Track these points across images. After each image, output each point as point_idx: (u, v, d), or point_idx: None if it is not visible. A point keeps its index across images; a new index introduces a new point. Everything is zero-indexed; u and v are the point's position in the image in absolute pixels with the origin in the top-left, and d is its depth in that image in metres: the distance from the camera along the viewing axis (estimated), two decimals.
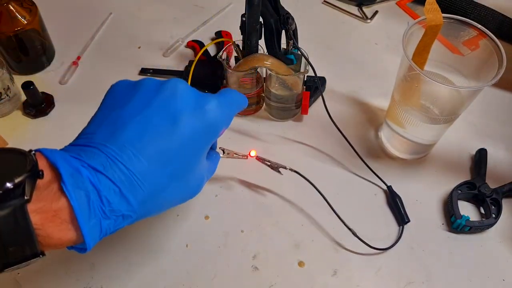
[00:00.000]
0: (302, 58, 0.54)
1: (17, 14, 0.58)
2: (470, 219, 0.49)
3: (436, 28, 0.46)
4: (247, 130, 0.58)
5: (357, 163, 0.54)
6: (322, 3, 0.76)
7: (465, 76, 0.50)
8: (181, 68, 0.65)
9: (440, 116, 0.50)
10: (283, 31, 0.52)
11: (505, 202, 0.51)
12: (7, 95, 0.57)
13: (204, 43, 0.68)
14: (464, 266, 0.48)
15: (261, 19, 0.51)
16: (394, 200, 0.51)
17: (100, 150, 0.31)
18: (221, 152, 0.49)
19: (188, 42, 0.69)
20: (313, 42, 0.69)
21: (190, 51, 0.68)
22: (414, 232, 0.50)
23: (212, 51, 0.68)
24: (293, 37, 0.53)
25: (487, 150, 0.55)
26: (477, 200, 0.52)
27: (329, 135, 0.56)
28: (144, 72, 0.64)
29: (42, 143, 0.56)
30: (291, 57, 0.55)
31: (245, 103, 0.41)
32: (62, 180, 0.29)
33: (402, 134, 0.53)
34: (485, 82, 0.45)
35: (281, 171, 0.50)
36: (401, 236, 0.49)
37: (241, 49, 0.54)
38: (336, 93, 0.63)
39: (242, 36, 0.53)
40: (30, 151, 0.30)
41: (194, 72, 0.57)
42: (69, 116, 0.59)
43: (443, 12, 0.46)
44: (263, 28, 0.52)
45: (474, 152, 0.56)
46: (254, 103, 0.59)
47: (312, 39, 0.70)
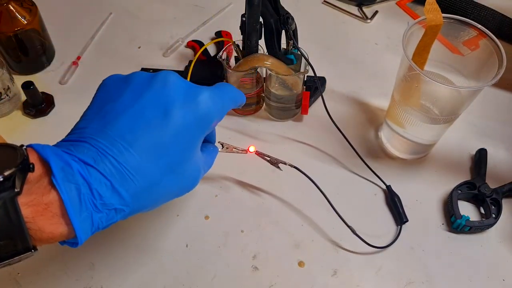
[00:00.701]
0: (302, 58, 0.54)
1: (17, 14, 0.58)
2: (470, 219, 0.49)
3: (436, 28, 0.46)
4: (247, 130, 0.58)
5: (356, 163, 0.54)
6: (322, 3, 0.76)
7: (465, 76, 0.50)
8: (181, 68, 0.65)
9: (440, 116, 0.50)
10: (283, 31, 0.52)
11: (505, 202, 0.51)
12: (7, 95, 0.57)
13: (204, 43, 0.68)
14: (464, 266, 0.48)
15: (261, 19, 0.51)
16: (393, 199, 0.51)
17: (90, 144, 0.31)
18: (220, 146, 0.49)
19: (188, 42, 0.69)
20: (313, 42, 0.69)
21: (190, 51, 0.68)
22: (414, 232, 0.50)
23: (212, 51, 0.68)
24: (293, 37, 0.53)
25: (487, 150, 0.55)
26: (477, 200, 0.52)
27: (329, 135, 0.56)
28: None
29: (42, 143, 0.56)
30: (291, 57, 0.55)
31: (241, 99, 0.41)
32: (53, 173, 0.28)
33: (402, 134, 0.53)
34: (485, 82, 0.45)
35: (280, 167, 0.50)
36: (399, 235, 0.49)
37: (241, 49, 0.54)
38: (336, 93, 0.63)
39: (242, 36, 0.53)
40: (21, 146, 0.30)
41: (194, 72, 0.57)
42: (69, 116, 0.59)
43: (443, 12, 0.46)
44: (263, 28, 0.52)
45: (474, 152, 0.56)
46: (254, 103, 0.59)
47: (312, 39, 0.70)
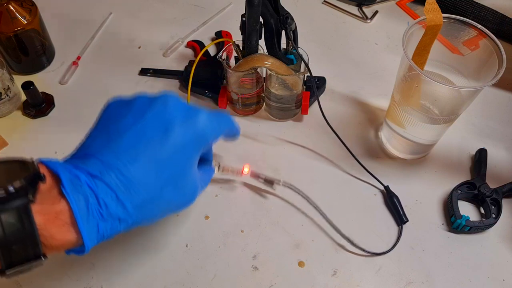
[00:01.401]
0: (303, 57, 0.54)
1: (17, 14, 0.58)
2: (470, 219, 0.49)
3: (436, 28, 0.46)
4: (247, 130, 0.58)
5: (356, 164, 0.54)
6: (322, 3, 0.76)
7: (465, 76, 0.50)
8: (181, 68, 0.65)
9: (440, 116, 0.50)
10: (283, 31, 0.52)
11: (505, 202, 0.51)
12: (7, 95, 0.57)
13: (204, 43, 0.68)
14: (464, 266, 0.48)
15: (261, 19, 0.51)
16: (391, 200, 0.51)
17: (96, 158, 0.33)
18: (216, 167, 0.51)
19: (188, 42, 0.69)
20: (313, 42, 0.70)
21: (190, 51, 0.68)
22: (414, 232, 0.50)
23: (212, 51, 0.68)
24: (292, 38, 0.53)
25: (487, 150, 0.55)
26: (477, 200, 0.52)
27: (328, 136, 0.55)
28: (144, 72, 0.64)
29: (42, 143, 0.56)
30: (291, 57, 0.55)
31: (236, 131, 0.44)
32: (62, 184, 0.30)
33: (402, 134, 0.53)
34: (485, 82, 0.45)
35: (274, 187, 0.51)
36: (400, 236, 0.49)
37: (241, 49, 0.54)
38: (336, 93, 0.63)
39: (242, 36, 0.53)
40: (31, 159, 0.31)
41: (194, 72, 0.57)
42: (69, 116, 0.60)
43: (443, 12, 0.46)
44: (263, 28, 0.52)
45: (474, 152, 0.57)
46: (254, 103, 0.59)
47: (312, 39, 0.70)
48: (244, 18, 0.50)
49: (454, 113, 0.49)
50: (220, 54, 0.54)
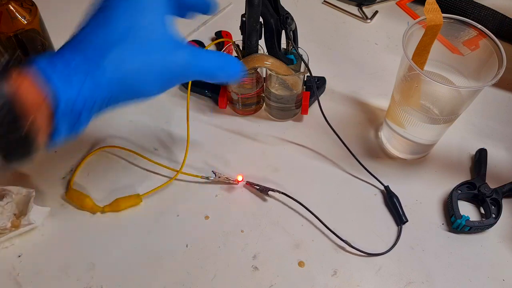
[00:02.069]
0: (303, 57, 0.54)
1: (17, 14, 0.58)
2: (470, 219, 0.49)
3: (436, 28, 0.46)
4: (247, 130, 0.58)
5: (356, 164, 0.54)
6: (322, 3, 0.76)
7: (465, 76, 0.50)
8: None
9: (440, 116, 0.50)
10: (283, 31, 0.52)
11: (505, 202, 0.51)
12: None
13: (204, 43, 0.68)
14: (464, 266, 0.48)
15: (261, 19, 0.51)
16: (391, 200, 0.51)
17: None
18: (212, 175, 0.51)
19: (188, 42, 0.68)
20: (313, 42, 0.70)
21: None
22: (414, 232, 0.50)
23: None
24: (292, 38, 0.53)
25: (487, 150, 0.55)
26: (477, 200, 0.52)
27: (328, 136, 0.55)
28: None
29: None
30: (291, 57, 0.55)
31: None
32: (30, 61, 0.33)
33: (402, 134, 0.53)
34: (485, 82, 0.45)
35: (269, 194, 0.51)
36: (399, 236, 0.49)
37: (241, 49, 0.54)
38: (336, 93, 0.63)
39: (242, 36, 0.53)
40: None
41: None
42: None
43: (443, 12, 0.46)
44: (263, 28, 0.52)
45: (474, 152, 0.56)
46: (254, 103, 0.59)
47: (312, 39, 0.70)
48: (244, 18, 0.50)
49: (454, 113, 0.49)
50: None
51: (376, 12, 0.75)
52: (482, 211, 0.52)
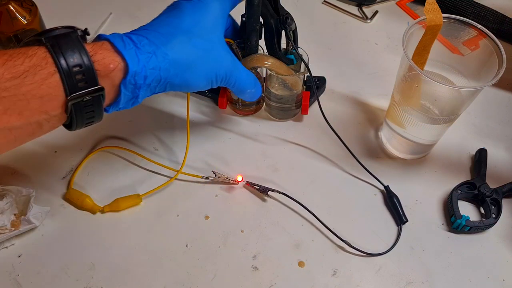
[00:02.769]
0: (303, 57, 0.53)
1: (17, 14, 0.58)
2: (470, 219, 0.49)
3: (436, 28, 0.46)
4: (247, 130, 0.58)
5: (356, 164, 0.54)
6: (322, 3, 0.76)
7: (465, 76, 0.50)
8: None
9: (440, 116, 0.50)
10: (283, 31, 0.52)
11: (505, 202, 0.51)
12: None
13: None
14: (464, 266, 0.48)
15: (261, 19, 0.51)
16: (391, 200, 0.51)
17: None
18: (212, 175, 0.51)
19: None
20: (313, 42, 0.70)
21: None
22: (414, 232, 0.50)
23: None
24: (292, 38, 0.53)
25: (487, 150, 0.55)
26: (477, 200, 0.52)
27: (328, 136, 0.55)
28: None
29: (43, 143, 0.56)
30: (291, 57, 0.55)
31: None
32: (100, 36, 0.39)
33: (402, 134, 0.53)
34: (485, 82, 0.45)
35: (269, 194, 0.51)
36: (399, 236, 0.49)
37: (241, 49, 0.54)
38: (336, 93, 0.63)
39: (242, 36, 0.53)
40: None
41: None
42: None
43: (443, 12, 0.46)
44: (263, 28, 0.52)
45: (474, 152, 0.56)
46: (254, 103, 0.59)
47: (312, 39, 0.70)
48: (244, 18, 0.50)
49: (454, 113, 0.49)
50: None
51: (376, 12, 0.75)
52: (482, 211, 0.52)
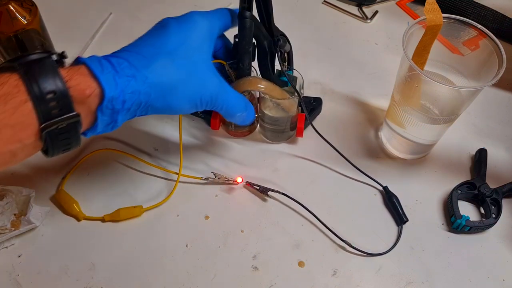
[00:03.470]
0: (297, 79, 0.52)
1: (17, 14, 0.58)
2: (470, 219, 0.49)
3: (436, 28, 0.46)
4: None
5: (355, 165, 0.54)
6: (322, 3, 0.76)
7: (465, 76, 0.50)
8: None
9: (440, 116, 0.50)
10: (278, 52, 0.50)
11: (505, 202, 0.51)
12: None
13: None
14: (464, 266, 0.48)
15: (254, 40, 0.48)
16: (391, 200, 0.51)
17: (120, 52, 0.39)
18: (212, 176, 0.51)
19: None
20: (313, 42, 0.70)
21: None
22: (414, 232, 0.50)
23: None
24: (286, 60, 0.50)
25: (487, 150, 0.55)
26: (477, 200, 0.52)
27: (328, 137, 0.55)
28: None
29: None
30: (285, 79, 0.51)
31: (233, 13, 0.46)
32: (78, 60, 0.36)
33: (402, 134, 0.53)
34: (485, 82, 0.45)
35: (269, 194, 0.51)
36: (400, 236, 0.49)
37: (234, 70, 0.51)
38: (336, 93, 0.63)
39: (235, 57, 0.50)
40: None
41: None
42: None
43: (443, 12, 0.46)
44: (257, 50, 0.49)
45: (474, 152, 0.56)
46: (248, 125, 0.56)
47: (312, 39, 0.70)
48: (237, 39, 0.48)
49: (454, 113, 0.49)
50: None
51: (376, 12, 0.75)
52: (482, 211, 0.52)
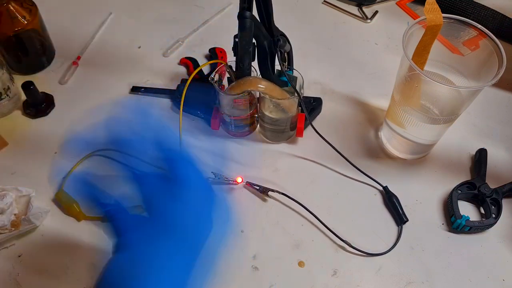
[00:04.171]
0: (297, 79, 0.52)
1: (17, 14, 0.58)
2: (470, 219, 0.49)
3: (436, 28, 0.46)
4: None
5: (355, 165, 0.54)
6: (322, 3, 0.76)
7: (465, 76, 0.50)
8: (173, 86, 0.62)
9: (440, 116, 0.50)
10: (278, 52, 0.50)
11: (505, 202, 0.51)
12: (7, 95, 0.57)
13: (197, 60, 0.65)
14: (464, 266, 0.48)
15: (254, 41, 0.48)
16: (391, 200, 0.51)
17: None
18: (212, 175, 0.51)
19: (181, 60, 0.66)
20: (313, 42, 0.69)
21: (183, 69, 0.66)
22: (414, 232, 0.50)
23: (205, 69, 0.65)
24: (287, 59, 0.50)
25: (487, 150, 0.55)
26: (477, 200, 0.52)
27: (328, 137, 0.55)
28: (134, 90, 0.62)
29: (42, 143, 0.56)
30: (285, 79, 0.52)
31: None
32: None
33: (402, 134, 0.53)
34: (485, 82, 0.45)
35: (269, 194, 0.51)
36: (400, 236, 0.49)
37: (234, 70, 0.51)
38: (336, 93, 0.63)
39: (235, 57, 0.50)
40: None
41: (187, 91, 0.53)
42: (69, 116, 0.59)
43: (443, 12, 0.46)
44: (257, 50, 0.49)
45: (474, 152, 0.56)
46: (248, 125, 0.56)
47: (312, 39, 0.70)
48: (236, 39, 0.48)
49: (454, 113, 0.49)
50: (212, 75, 0.51)
51: (376, 12, 0.75)
52: (482, 211, 0.52)
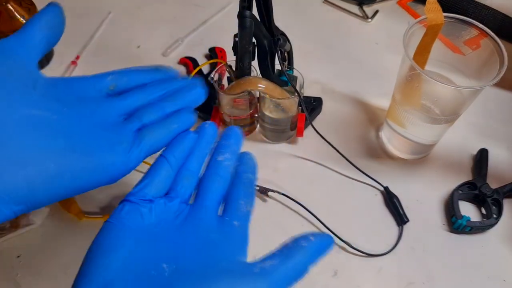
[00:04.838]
0: (297, 79, 0.52)
1: (16, 13, 0.58)
2: (471, 220, 0.49)
3: (437, 27, 0.46)
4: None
5: (356, 165, 0.54)
6: (323, 2, 0.76)
7: (466, 75, 0.50)
8: None
9: (441, 116, 0.50)
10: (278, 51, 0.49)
11: (506, 203, 0.51)
12: None
13: (197, 60, 0.65)
14: (464, 267, 0.48)
15: (254, 40, 0.48)
16: (391, 200, 0.51)
17: None
18: None
19: (180, 59, 0.66)
20: (313, 41, 0.69)
21: (182, 68, 0.65)
22: (415, 232, 0.50)
23: (205, 69, 0.65)
24: (287, 59, 0.50)
25: (488, 150, 0.55)
26: (478, 200, 0.52)
27: (328, 137, 0.55)
28: None
29: None
30: (285, 78, 0.51)
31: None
32: None
33: (403, 134, 0.53)
34: (486, 82, 0.44)
35: (269, 195, 0.51)
36: (400, 236, 0.49)
37: (233, 69, 0.51)
38: (336, 93, 0.63)
39: (235, 56, 0.50)
40: None
41: None
42: None
43: (444, 11, 0.46)
44: (257, 49, 0.49)
45: (475, 152, 0.56)
46: (247, 125, 0.56)
47: (312, 39, 0.70)
48: (236, 39, 0.47)
49: (455, 113, 0.49)
50: (212, 75, 0.51)
51: (376, 11, 0.75)
52: (483, 212, 0.52)
